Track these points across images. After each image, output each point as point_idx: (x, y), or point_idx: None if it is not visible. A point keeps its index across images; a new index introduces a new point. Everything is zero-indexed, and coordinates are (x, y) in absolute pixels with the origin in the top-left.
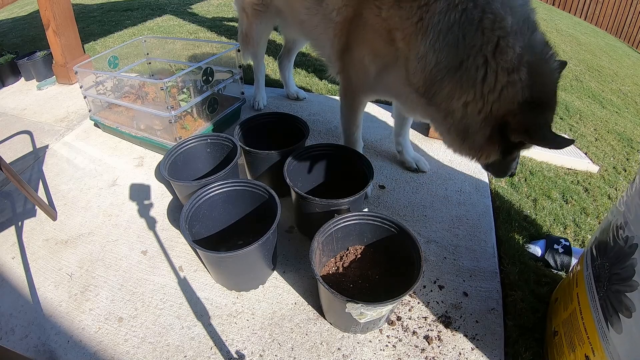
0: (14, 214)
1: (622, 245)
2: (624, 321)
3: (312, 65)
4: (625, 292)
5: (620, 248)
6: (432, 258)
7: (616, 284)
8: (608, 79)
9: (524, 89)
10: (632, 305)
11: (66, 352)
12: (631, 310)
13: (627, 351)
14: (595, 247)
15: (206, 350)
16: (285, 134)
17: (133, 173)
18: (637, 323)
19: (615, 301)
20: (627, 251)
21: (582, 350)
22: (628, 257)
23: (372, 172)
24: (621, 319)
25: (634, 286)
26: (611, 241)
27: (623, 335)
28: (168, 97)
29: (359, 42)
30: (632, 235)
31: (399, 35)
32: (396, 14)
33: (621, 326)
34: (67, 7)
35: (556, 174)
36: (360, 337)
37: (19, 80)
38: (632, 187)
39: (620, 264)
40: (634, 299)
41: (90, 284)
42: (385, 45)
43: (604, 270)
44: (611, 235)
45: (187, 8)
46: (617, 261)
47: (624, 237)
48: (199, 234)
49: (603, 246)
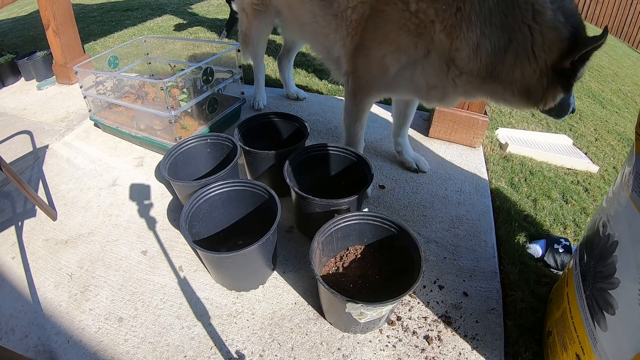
0: (14, 214)
1: (605, 242)
2: (609, 319)
3: (312, 65)
4: (608, 290)
5: (604, 246)
6: (432, 258)
7: (600, 282)
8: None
9: (565, 26)
10: (615, 302)
11: (66, 352)
12: (614, 307)
13: (613, 348)
14: (582, 246)
15: (206, 350)
16: (285, 134)
17: (133, 173)
18: (620, 320)
19: (600, 299)
20: (609, 249)
21: (573, 349)
22: (610, 254)
23: (372, 172)
24: (606, 316)
25: (615, 283)
26: (596, 239)
27: (608, 333)
28: (168, 97)
29: (378, 40)
30: (613, 232)
31: (437, 27)
32: (430, 6)
33: (606, 324)
34: (67, 7)
35: (556, 174)
36: (360, 337)
37: (19, 80)
38: (614, 185)
39: (603, 261)
40: (617, 296)
41: (90, 284)
42: (413, 40)
43: (590, 269)
44: (596, 233)
45: (187, 8)
46: (600, 259)
47: (606, 235)
48: (199, 234)
49: (589, 245)
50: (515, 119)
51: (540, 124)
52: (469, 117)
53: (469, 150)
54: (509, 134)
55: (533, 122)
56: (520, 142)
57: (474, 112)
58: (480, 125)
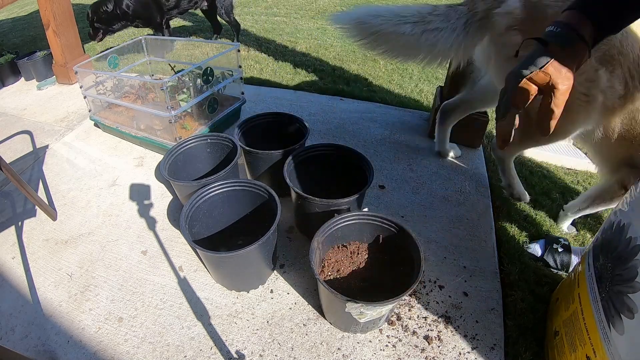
0: (14, 214)
1: (625, 246)
2: (626, 322)
3: (312, 65)
4: (627, 294)
5: (624, 249)
6: (432, 258)
7: (618, 285)
8: None
9: None
10: (634, 306)
11: (66, 352)
12: (633, 311)
13: (629, 352)
14: (597, 247)
15: (206, 350)
16: (285, 134)
17: (133, 173)
18: (639, 324)
19: (618, 302)
20: (630, 252)
21: (583, 350)
22: (631, 258)
23: (372, 172)
24: (623, 320)
25: (636, 287)
26: (614, 242)
27: (625, 336)
28: (168, 97)
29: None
30: (636, 236)
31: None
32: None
33: (623, 327)
34: (67, 7)
35: (556, 174)
36: (360, 337)
37: (19, 80)
38: (636, 188)
39: (622, 265)
40: (637, 300)
41: (90, 284)
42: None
43: (607, 271)
44: (614, 236)
45: None
46: (619, 262)
47: (627, 238)
48: (199, 234)
49: (606, 246)
50: None
51: None
52: (469, 117)
53: (469, 150)
54: None
55: None
56: None
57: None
58: (480, 125)
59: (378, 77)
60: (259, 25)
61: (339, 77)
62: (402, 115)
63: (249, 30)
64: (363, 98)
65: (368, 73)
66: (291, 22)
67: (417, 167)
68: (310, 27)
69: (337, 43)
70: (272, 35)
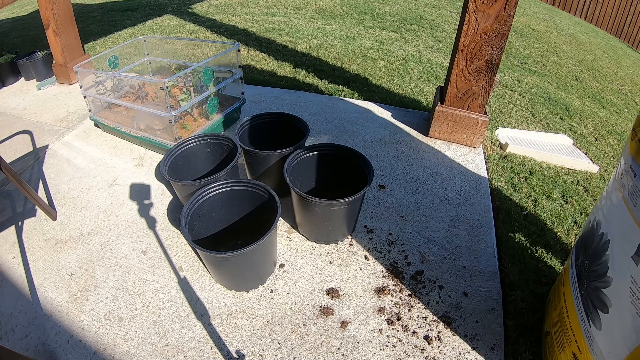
0: (14, 214)
1: (598, 241)
2: (603, 317)
3: (312, 65)
4: (601, 289)
5: (597, 245)
6: (432, 258)
7: (594, 281)
8: (608, 79)
9: None
10: (608, 301)
11: (66, 352)
12: (608, 306)
13: (608, 347)
14: (578, 246)
15: (206, 350)
16: (285, 134)
17: (133, 173)
18: (614, 319)
19: (595, 298)
20: (602, 247)
21: (570, 348)
22: (603, 253)
23: (372, 172)
24: (600, 315)
25: (608, 282)
26: (591, 239)
27: (603, 331)
28: (168, 97)
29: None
30: (606, 231)
31: None
32: None
33: (601, 323)
34: (67, 7)
35: (556, 174)
36: (360, 337)
37: (19, 80)
38: (607, 184)
39: (597, 260)
40: (610, 294)
41: (90, 283)
42: None
43: (584, 268)
44: (591, 233)
45: (187, 8)
46: (594, 258)
47: (600, 234)
48: (199, 234)
49: (584, 244)
50: (515, 119)
51: (540, 124)
52: (469, 117)
53: (469, 150)
54: (509, 134)
55: (533, 122)
56: (520, 142)
57: (474, 112)
58: (480, 125)
59: (378, 77)
60: (259, 25)
61: (339, 77)
62: (402, 115)
63: (249, 30)
64: (363, 98)
65: (368, 73)
66: (291, 22)
67: (417, 167)
68: (310, 27)
69: (337, 43)
70: (272, 35)
